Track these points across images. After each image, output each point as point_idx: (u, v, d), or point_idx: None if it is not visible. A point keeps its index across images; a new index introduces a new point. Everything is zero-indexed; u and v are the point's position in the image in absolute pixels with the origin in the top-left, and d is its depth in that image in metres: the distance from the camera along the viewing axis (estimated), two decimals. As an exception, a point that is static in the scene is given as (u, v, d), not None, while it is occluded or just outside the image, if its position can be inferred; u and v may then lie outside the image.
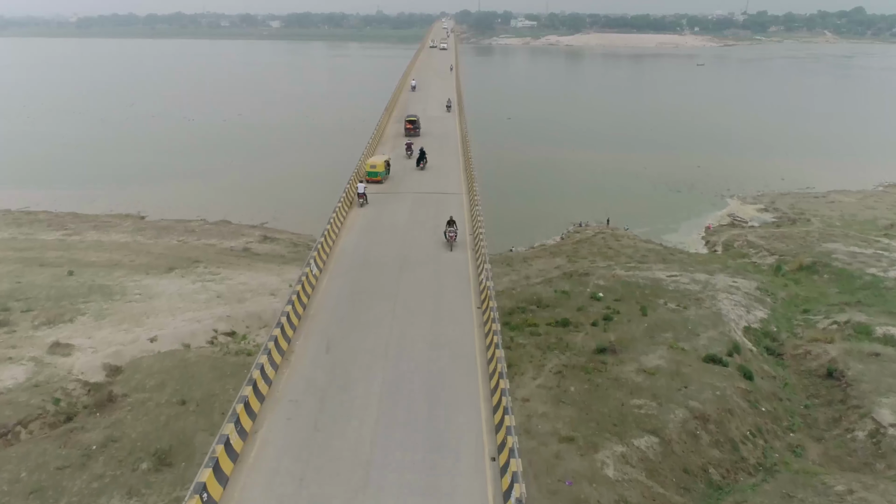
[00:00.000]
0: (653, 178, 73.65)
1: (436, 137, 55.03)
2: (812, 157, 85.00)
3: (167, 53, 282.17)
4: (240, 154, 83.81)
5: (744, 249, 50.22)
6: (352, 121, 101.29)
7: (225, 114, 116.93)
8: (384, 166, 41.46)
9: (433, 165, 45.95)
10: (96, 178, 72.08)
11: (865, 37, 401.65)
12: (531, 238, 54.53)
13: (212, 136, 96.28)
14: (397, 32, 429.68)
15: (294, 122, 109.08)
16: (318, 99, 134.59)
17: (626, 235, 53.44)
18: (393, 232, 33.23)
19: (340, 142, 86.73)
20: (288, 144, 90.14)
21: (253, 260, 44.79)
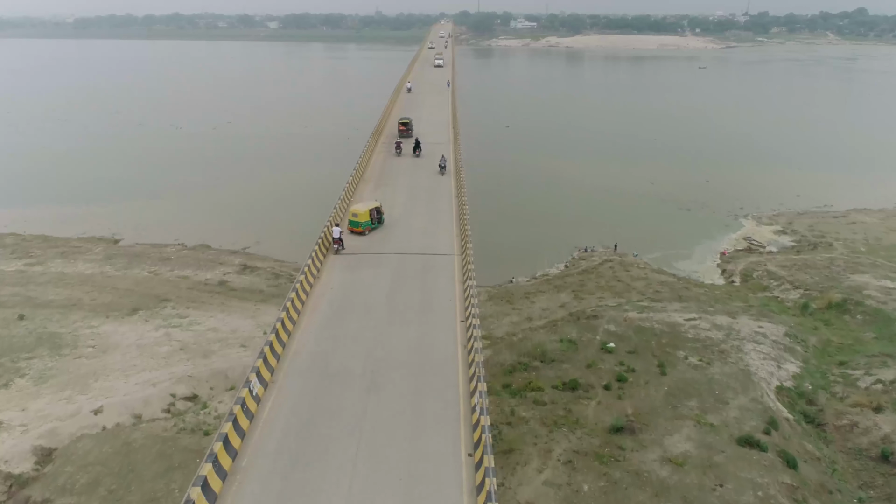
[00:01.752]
0: (661, 194, 69.66)
1: (425, 190, 43.76)
2: (827, 170, 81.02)
3: (162, 55, 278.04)
4: (226, 167, 79.74)
5: (764, 281, 46.21)
6: (345, 129, 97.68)
7: (215, 120, 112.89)
8: (368, 215, 33.71)
9: (420, 225, 36.95)
10: (72, 196, 68.04)
11: (868, 38, 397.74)
12: (533, 266, 50.51)
13: (198, 146, 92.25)
14: (396, 34, 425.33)
15: (285, 129, 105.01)
16: (312, 104, 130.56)
17: (635, 264, 49.39)
18: (366, 317, 24.85)
19: (332, 153, 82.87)
20: (277, 156, 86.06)
21: (228, 297, 40.74)
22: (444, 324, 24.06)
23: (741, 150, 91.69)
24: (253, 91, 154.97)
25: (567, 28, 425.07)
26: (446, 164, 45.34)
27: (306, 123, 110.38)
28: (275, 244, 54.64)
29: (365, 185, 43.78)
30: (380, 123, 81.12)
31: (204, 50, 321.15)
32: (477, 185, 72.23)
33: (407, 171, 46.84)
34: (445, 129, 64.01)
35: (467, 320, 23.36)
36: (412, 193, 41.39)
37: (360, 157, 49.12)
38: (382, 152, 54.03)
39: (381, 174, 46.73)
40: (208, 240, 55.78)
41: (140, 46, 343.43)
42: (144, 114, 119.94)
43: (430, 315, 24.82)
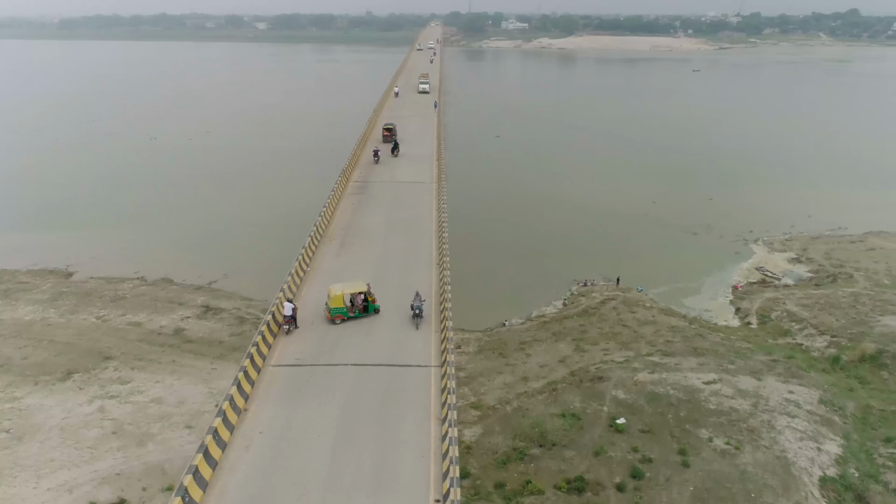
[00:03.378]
0: (663, 215, 65.14)
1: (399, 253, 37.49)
2: (837, 185, 76.73)
3: (148, 57, 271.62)
4: (199, 184, 74.58)
5: (784, 324, 41.62)
6: (330, 137, 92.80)
7: (192, 130, 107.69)
8: (341, 301, 26.69)
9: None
10: (28, 220, 62.87)
11: (861, 39, 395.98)
12: (528, 304, 45.78)
13: (172, 160, 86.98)
14: (386, 35, 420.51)
15: (266, 139, 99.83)
16: (297, 111, 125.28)
17: (640, 302, 44.70)
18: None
19: (315, 166, 78.05)
20: (254, 170, 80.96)
21: (181, 353, 35.74)
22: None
23: (743, 163, 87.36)
24: (236, 96, 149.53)
25: (559, 29, 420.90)
26: (421, 306, 27.96)
27: (289, 132, 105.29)
28: (244, 277, 49.65)
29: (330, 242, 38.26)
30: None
31: (190, 51, 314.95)
32: (465, 208, 67.96)
33: (382, 234, 39.87)
34: (429, 169, 57.73)
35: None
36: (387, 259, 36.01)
37: (327, 201, 42.98)
38: (353, 195, 48.28)
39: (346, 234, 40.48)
40: (172, 272, 50.78)
41: (126, 48, 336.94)
42: (121, 122, 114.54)
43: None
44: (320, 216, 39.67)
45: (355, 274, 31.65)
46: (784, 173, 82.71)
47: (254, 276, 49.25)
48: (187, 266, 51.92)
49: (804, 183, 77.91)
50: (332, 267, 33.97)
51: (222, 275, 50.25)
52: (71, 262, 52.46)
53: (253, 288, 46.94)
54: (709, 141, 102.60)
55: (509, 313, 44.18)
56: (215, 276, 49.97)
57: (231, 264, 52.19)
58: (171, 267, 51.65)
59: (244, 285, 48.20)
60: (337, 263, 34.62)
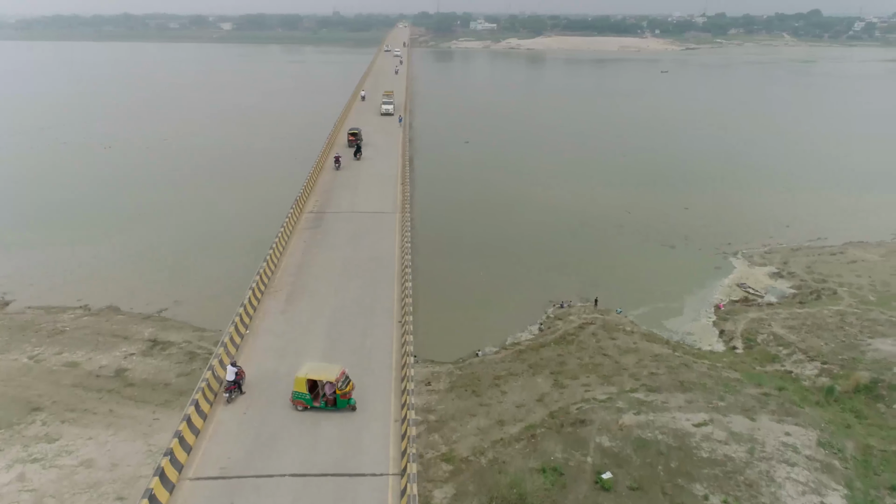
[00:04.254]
0: (640, 226, 63.12)
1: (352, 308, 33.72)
2: (812, 190, 75.64)
3: (108, 58, 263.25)
4: (153, 198, 70.44)
5: (771, 348, 39.55)
6: (293, 144, 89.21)
7: (150, 137, 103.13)
8: (305, 385, 23.45)
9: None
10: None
11: (823, 39, 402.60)
12: (502, 329, 43.03)
13: (126, 171, 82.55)
14: (354, 35, 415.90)
15: (226, 146, 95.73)
16: (261, 115, 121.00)
17: (621, 327, 42.27)
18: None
19: (278, 175, 74.48)
20: (213, 180, 77.02)
21: (121, 400, 32.25)
22: None
23: (716, 167, 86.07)
24: (196, 101, 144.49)
25: (527, 29, 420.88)
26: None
27: (252, 137, 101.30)
28: (197, 304, 46.09)
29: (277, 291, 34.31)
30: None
31: (153, 52, 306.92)
32: (434, 222, 65.20)
33: (336, 281, 36.33)
34: (392, 192, 54.44)
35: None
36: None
37: (275, 241, 39.43)
38: (306, 230, 44.60)
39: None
40: (119, 299, 47.02)
41: (86, 49, 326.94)
42: (74, 129, 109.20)
43: None
44: (266, 261, 35.62)
45: (302, 336, 28.33)
46: (758, 177, 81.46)
47: (208, 302, 45.78)
48: (136, 291, 48.22)
49: (779, 188, 76.64)
50: (276, 327, 30.04)
51: (173, 301, 46.62)
52: (7, 290, 48.39)
53: (206, 316, 43.40)
54: (680, 144, 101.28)
55: (482, 341, 41.37)
56: (166, 303, 46.34)
57: (184, 288, 48.61)
58: (119, 293, 47.89)
59: (197, 313, 44.66)
60: (282, 322, 30.81)
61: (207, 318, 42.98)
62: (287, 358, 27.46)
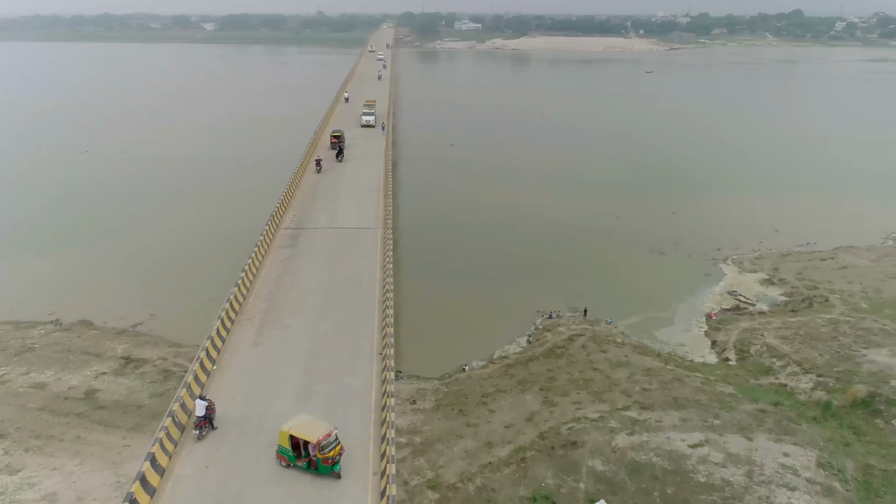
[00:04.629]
0: (628, 231, 62.18)
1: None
2: (800, 193, 75.19)
3: (88, 60, 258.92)
4: (129, 204, 68.56)
5: (765, 360, 38.65)
6: (275, 151, 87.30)
7: (128, 140, 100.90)
8: (288, 440, 21.15)
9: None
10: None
11: (805, 39, 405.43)
12: (490, 341, 41.83)
13: (102, 175, 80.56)
14: (338, 36, 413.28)
15: (208, 150, 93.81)
16: (243, 118, 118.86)
17: (611, 337, 41.23)
18: None
19: (258, 181, 72.70)
20: (192, 187, 75.24)
21: (90, 425, 30.67)
22: None
23: (704, 169, 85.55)
24: (177, 102, 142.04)
25: (512, 30, 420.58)
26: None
27: (237, 140, 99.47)
28: (173, 317, 44.51)
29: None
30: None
31: (135, 53, 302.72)
32: (419, 228, 63.89)
33: (313, 307, 33.30)
34: (374, 204, 50.94)
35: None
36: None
37: (249, 262, 36.14)
38: (282, 249, 41.34)
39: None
40: (92, 312, 45.29)
41: (65, 49, 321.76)
42: (52, 133, 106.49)
43: None
44: (237, 285, 32.82)
45: (274, 374, 25.94)
46: (744, 180, 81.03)
47: (185, 315, 44.20)
48: (111, 304, 46.51)
49: (767, 191, 76.19)
50: (246, 362, 27.25)
51: (149, 315, 44.98)
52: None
53: (184, 330, 41.78)
54: (666, 146, 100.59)
55: (469, 354, 40.13)
56: (141, 317, 44.69)
57: (160, 301, 46.94)
58: (92, 306, 46.14)
59: (174, 327, 43.07)
60: (253, 357, 27.96)
61: (184, 332, 41.37)
62: (257, 402, 25.16)
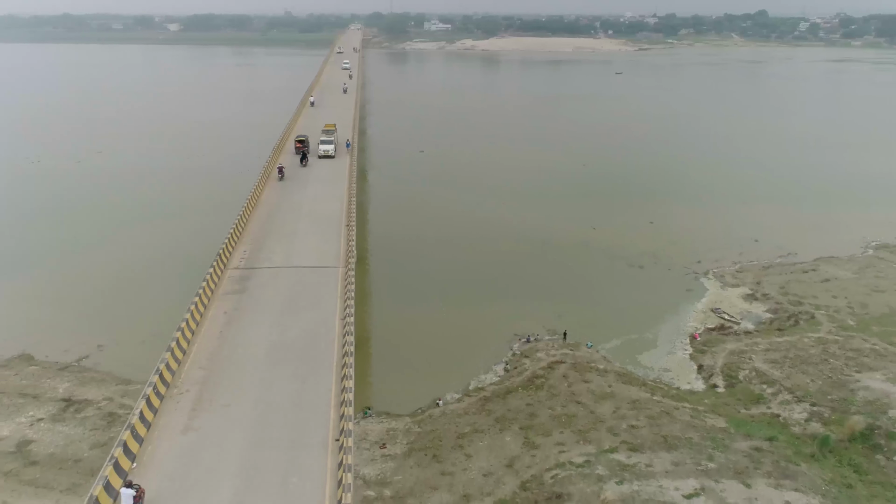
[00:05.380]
0: (605, 244, 60.12)
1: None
2: (777, 201, 73.88)
3: (45, 62, 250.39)
4: (81, 221, 64.61)
5: (755, 386, 36.67)
6: (236, 160, 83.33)
7: (83, 148, 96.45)
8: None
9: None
10: None
11: (770, 40, 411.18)
12: (465, 371, 39.19)
13: (52, 189, 76.02)
14: (305, 36, 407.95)
15: (167, 159, 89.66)
16: (205, 124, 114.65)
17: (593, 365, 38.94)
18: None
19: (220, 193, 69.05)
20: (148, 199, 71.26)
21: (19, 486, 27.34)
22: None
23: (676, 176, 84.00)
24: (138, 107, 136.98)
25: (482, 30, 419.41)
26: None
27: (194, 150, 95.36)
28: (123, 349, 41.11)
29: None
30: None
31: (96, 55, 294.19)
32: (386, 242, 60.36)
33: (259, 375, 26.92)
34: (336, 236, 43.95)
35: None
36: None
37: (187, 317, 29.38)
38: (228, 296, 34.20)
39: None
40: (34, 344, 41.69)
41: (21, 52, 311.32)
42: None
43: None
44: (170, 350, 26.79)
45: (207, 473, 20.80)
46: (722, 186, 79.86)
47: (136, 345, 40.80)
48: (54, 335, 42.89)
49: (744, 198, 74.86)
50: (174, 457, 21.65)
51: (96, 346, 41.54)
52: None
53: (133, 364, 38.32)
54: (640, 152, 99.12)
55: (444, 386, 37.48)
56: (87, 349, 41.22)
57: (109, 330, 43.50)
58: (35, 337, 42.53)
59: (123, 360, 39.67)
60: (182, 449, 22.15)
61: (134, 366, 37.91)
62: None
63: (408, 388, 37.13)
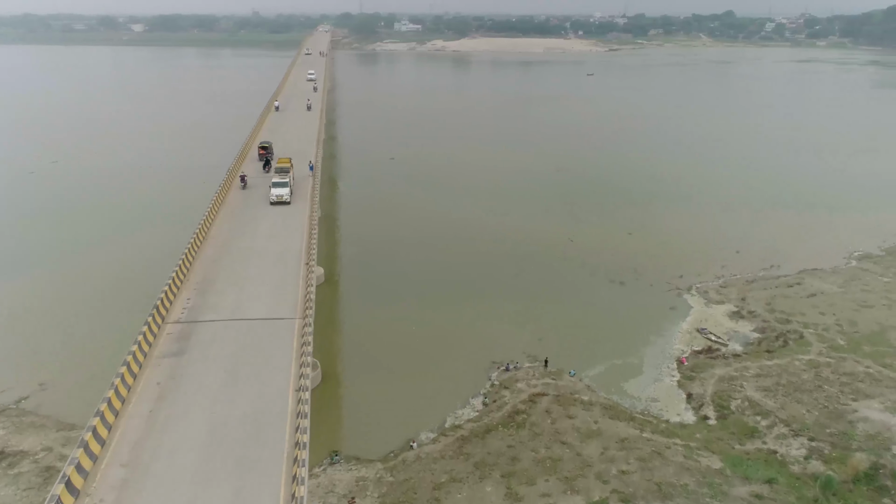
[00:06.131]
0: (584, 257, 57.94)
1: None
2: (755, 208, 72.65)
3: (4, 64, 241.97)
4: (31, 243, 60.51)
5: (748, 418, 34.55)
6: (196, 168, 79.18)
7: (38, 158, 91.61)
8: None
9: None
10: None
11: (738, 40, 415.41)
12: (440, 406, 36.47)
13: (2, 205, 71.57)
14: (274, 37, 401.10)
15: (126, 170, 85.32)
16: (166, 131, 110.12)
17: (577, 396, 36.54)
18: None
19: (179, 206, 65.43)
20: (105, 215, 67.32)
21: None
22: None
23: (655, 183, 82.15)
24: (98, 114, 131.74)
25: (452, 31, 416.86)
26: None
27: (154, 160, 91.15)
28: (67, 387, 37.75)
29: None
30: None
31: (57, 56, 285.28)
32: (353, 258, 57.43)
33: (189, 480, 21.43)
34: (294, 281, 37.40)
35: None
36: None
37: (102, 408, 23.34)
38: (163, 361, 28.37)
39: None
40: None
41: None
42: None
43: None
44: (83, 446, 21.44)
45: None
46: (698, 192, 78.29)
47: (84, 382, 37.50)
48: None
49: (722, 206, 73.31)
50: None
51: (37, 385, 38.07)
52: None
53: (77, 405, 34.94)
54: (613, 154, 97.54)
55: (418, 424, 34.75)
56: (27, 389, 37.72)
57: (52, 367, 39.92)
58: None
59: (66, 400, 36.37)
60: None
61: (78, 407, 34.47)
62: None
63: (379, 427, 34.35)
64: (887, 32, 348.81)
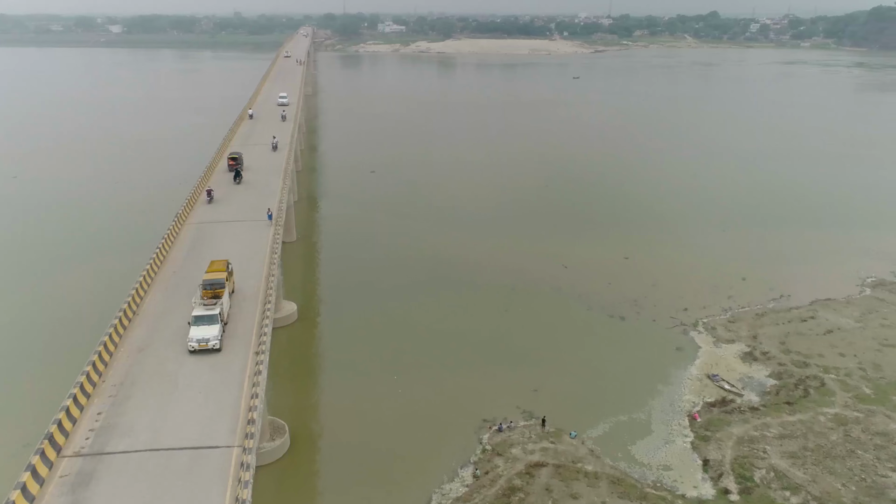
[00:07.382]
0: (579, 288, 53.69)
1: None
2: (757, 227, 68.77)
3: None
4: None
5: (776, 494, 30.38)
6: (159, 183, 73.56)
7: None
8: None
9: None
10: None
11: (722, 41, 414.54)
12: (424, 478, 32.00)
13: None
14: (255, 39, 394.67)
15: (89, 186, 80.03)
16: (134, 142, 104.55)
17: (580, 466, 32.17)
18: None
19: (144, 228, 60.31)
20: (63, 236, 62.23)
21: None
22: None
23: (649, 198, 78.14)
24: (64, 123, 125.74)
25: (437, 32, 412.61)
26: None
27: (120, 172, 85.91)
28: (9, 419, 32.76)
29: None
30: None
31: (28, 59, 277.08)
32: (330, 293, 52.33)
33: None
34: (237, 389, 27.05)
35: None
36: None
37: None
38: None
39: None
40: None
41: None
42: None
43: None
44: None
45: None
46: (691, 208, 74.78)
47: (12, 424, 32.59)
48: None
49: (720, 225, 69.57)
50: None
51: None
52: None
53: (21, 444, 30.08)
54: (603, 168, 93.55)
55: (400, 497, 30.21)
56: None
57: None
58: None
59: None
60: None
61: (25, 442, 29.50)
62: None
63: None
64: (871, 33, 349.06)
